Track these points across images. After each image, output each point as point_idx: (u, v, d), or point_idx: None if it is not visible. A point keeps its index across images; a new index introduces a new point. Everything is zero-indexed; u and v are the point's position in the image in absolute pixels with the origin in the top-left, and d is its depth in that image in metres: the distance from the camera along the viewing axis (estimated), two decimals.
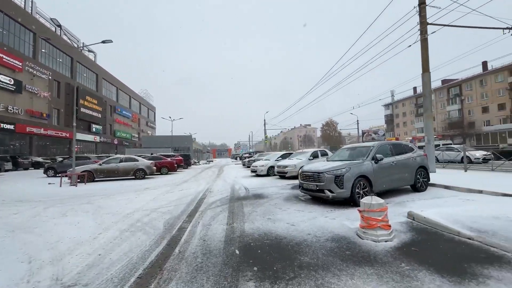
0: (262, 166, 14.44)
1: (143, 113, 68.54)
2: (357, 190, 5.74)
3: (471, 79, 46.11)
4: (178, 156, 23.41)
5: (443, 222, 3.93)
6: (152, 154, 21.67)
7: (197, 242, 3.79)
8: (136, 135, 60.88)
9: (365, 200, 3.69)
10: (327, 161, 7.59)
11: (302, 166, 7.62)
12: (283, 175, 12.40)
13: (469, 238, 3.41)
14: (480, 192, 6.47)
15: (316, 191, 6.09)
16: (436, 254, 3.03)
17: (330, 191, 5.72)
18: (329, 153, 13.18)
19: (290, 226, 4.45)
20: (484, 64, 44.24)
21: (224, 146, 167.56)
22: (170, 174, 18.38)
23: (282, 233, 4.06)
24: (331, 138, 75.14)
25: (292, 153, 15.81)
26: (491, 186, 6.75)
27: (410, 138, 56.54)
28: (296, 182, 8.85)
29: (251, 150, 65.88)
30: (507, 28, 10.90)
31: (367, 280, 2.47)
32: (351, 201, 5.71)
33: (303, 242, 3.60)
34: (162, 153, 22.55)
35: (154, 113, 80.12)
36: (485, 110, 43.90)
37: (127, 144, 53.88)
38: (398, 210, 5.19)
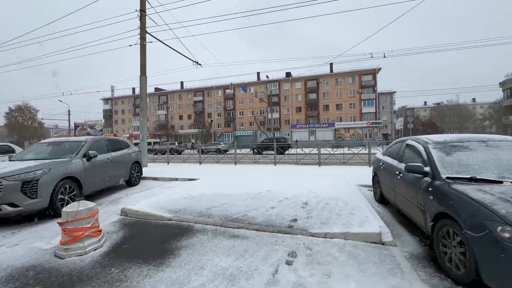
0: None
1: None
2: (60, 196, 4.56)
3: (174, 93, 59.86)
4: None
5: (151, 211, 4.39)
6: None
7: None
8: None
9: (70, 208, 2.96)
10: (10, 161, 5.22)
11: None
12: None
13: (169, 219, 4.13)
14: (177, 179, 8.39)
15: None
16: (145, 244, 3.23)
17: (13, 204, 3.93)
18: (19, 149, 9.37)
19: None
20: (182, 83, 59.83)
21: None
22: None
23: None
24: (27, 129, 55.02)
25: None
26: (183, 174, 9.05)
27: (128, 135, 59.46)
28: None
29: None
30: (195, 61, 15.57)
31: None
32: (51, 212, 4.39)
33: None
34: None
35: None
36: (181, 117, 59.38)
37: None
38: (112, 209, 4.96)
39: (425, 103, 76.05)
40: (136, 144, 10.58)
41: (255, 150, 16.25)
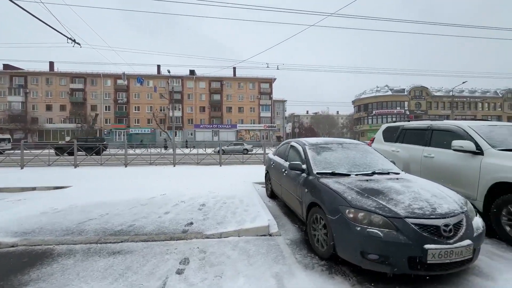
0: None
1: None
2: None
3: (38, 74, 45.48)
4: None
5: None
6: None
7: None
8: None
9: None
10: None
11: None
12: None
13: (13, 245, 3.01)
14: (34, 189, 6.32)
15: None
16: None
17: None
18: None
19: None
20: (51, 64, 46.41)
21: None
22: None
23: None
24: None
25: None
26: (45, 181, 6.93)
27: None
28: None
29: None
30: (71, 39, 12.36)
31: None
32: None
33: None
34: None
35: None
36: (49, 108, 45.87)
37: None
38: None
39: (307, 112, 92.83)
40: None
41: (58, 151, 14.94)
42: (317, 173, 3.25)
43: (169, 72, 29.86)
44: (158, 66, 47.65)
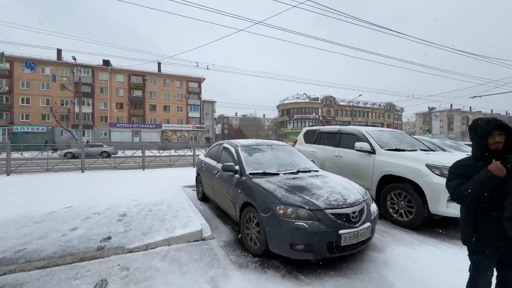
0: None
1: None
2: None
3: None
4: None
5: None
6: None
7: None
8: None
9: None
10: None
11: None
12: None
13: None
14: None
15: None
16: None
17: None
18: None
19: None
20: None
21: None
22: None
23: None
24: None
25: None
26: None
27: None
28: None
29: None
30: None
31: None
32: None
33: None
34: None
35: None
36: None
37: None
38: None
39: (236, 114, 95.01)
40: None
41: None
42: (250, 174, 3.37)
43: (74, 59, 24.78)
44: (59, 51, 38.99)
